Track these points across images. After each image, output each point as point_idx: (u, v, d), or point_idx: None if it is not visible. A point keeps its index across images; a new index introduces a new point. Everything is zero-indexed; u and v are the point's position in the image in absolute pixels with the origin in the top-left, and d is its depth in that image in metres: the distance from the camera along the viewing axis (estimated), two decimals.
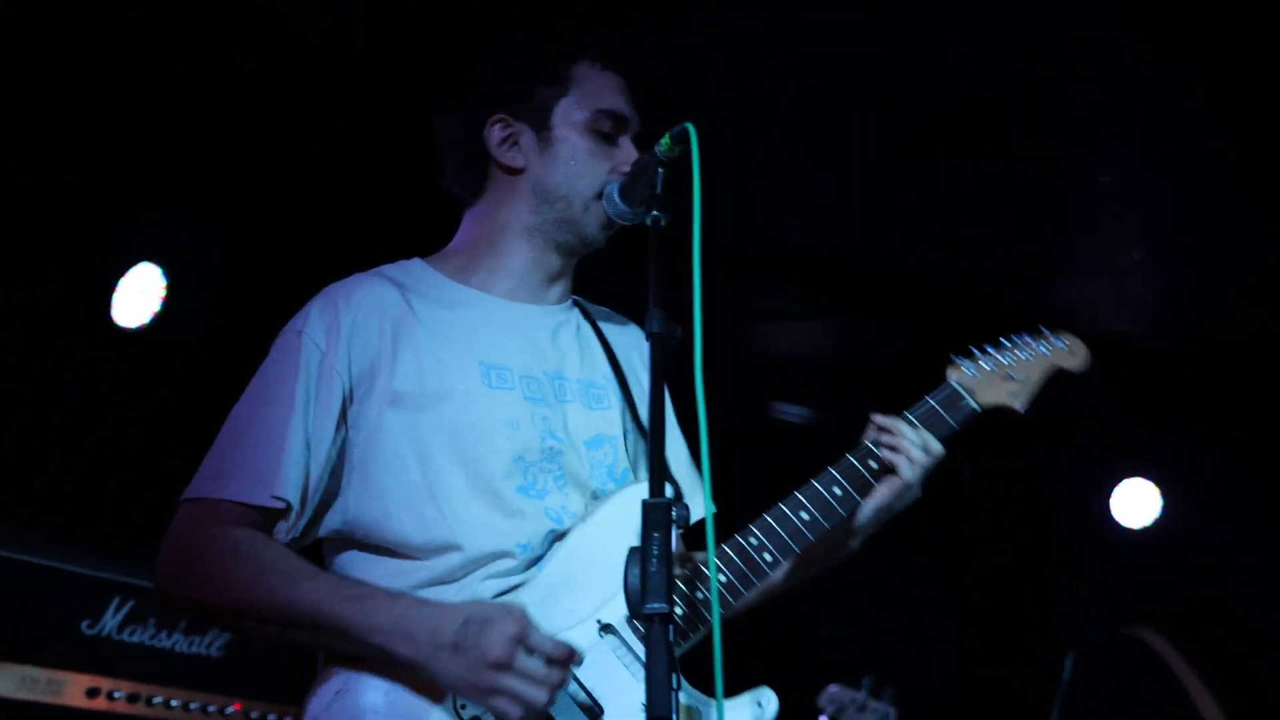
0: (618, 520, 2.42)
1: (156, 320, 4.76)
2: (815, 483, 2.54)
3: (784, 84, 4.59)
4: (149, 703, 4.32)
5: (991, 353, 2.76)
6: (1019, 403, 2.73)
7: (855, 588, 2.69)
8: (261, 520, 2.37)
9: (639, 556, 1.98)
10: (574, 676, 2.29)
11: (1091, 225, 5.39)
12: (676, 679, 1.91)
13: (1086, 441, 6.36)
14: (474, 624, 2.16)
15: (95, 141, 4.51)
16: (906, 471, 2.52)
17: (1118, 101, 4.57)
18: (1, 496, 4.46)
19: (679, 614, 2.39)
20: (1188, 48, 4.26)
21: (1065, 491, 6.53)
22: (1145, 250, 5.42)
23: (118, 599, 4.36)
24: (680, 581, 2.41)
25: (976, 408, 2.68)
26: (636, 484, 2.50)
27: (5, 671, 4.09)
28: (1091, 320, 5.60)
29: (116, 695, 4.27)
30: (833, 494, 2.53)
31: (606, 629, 2.36)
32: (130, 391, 4.84)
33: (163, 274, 4.77)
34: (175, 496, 2.44)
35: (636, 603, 1.97)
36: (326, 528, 2.46)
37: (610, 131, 2.63)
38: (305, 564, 2.32)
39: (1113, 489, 6.46)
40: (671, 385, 2.77)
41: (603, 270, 2.82)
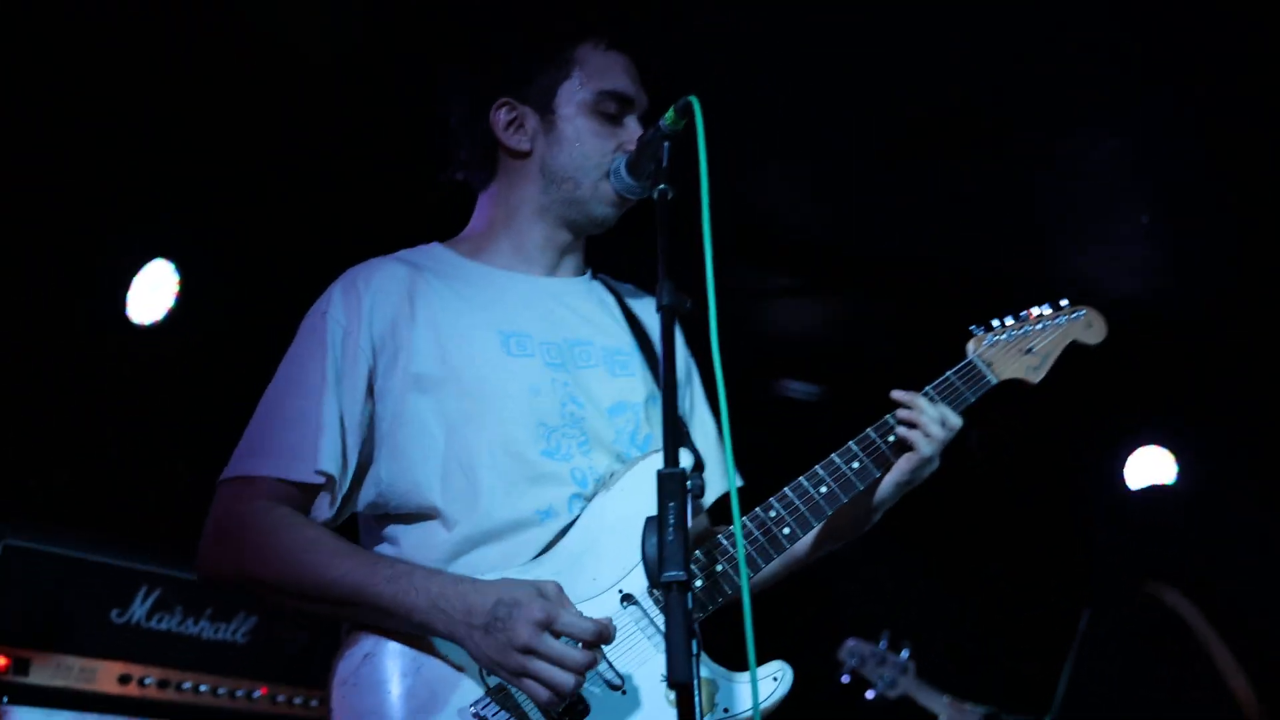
0: (639, 489, 2.44)
1: (170, 316, 4.80)
2: (835, 457, 2.57)
3: (778, 71, 4.60)
4: (178, 688, 4.40)
5: (1011, 324, 2.78)
6: (1036, 376, 2.76)
7: (875, 544, 2.72)
8: (300, 497, 2.42)
9: (656, 526, 2.00)
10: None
11: (1096, 192, 5.39)
12: (696, 646, 1.93)
13: (1099, 409, 6.37)
14: (504, 606, 2.20)
15: (107, 139, 4.54)
16: (924, 447, 2.55)
17: (1117, 67, 4.58)
18: (27, 492, 4.53)
19: (698, 586, 2.42)
20: (1188, 6, 4.26)
21: (1079, 459, 6.55)
22: (1152, 215, 5.42)
23: (145, 588, 4.43)
24: (700, 554, 2.44)
25: (994, 381, 2.71)
26: (657, 452, 2.50)
27: (41, 660, 4.16)
28: (1099, 287, 5.63)
29: (147, 681, 4.34)
30: (851, 468, 2.56)
31: (627, 599, 2.39)
32: (147, 386, 4.89)
33: (175, 270, 4.81)
34: (194, 487, 2.50)
35: (654, 571, 2.00)
36: (362, 501, 2.50)
37: (615, 112, 2.65)
38: (345, 543, 2.37)
39: (1127, 457, 6.47)
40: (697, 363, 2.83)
41: (613, 247, 2.85)
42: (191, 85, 4.47)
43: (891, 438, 2.58)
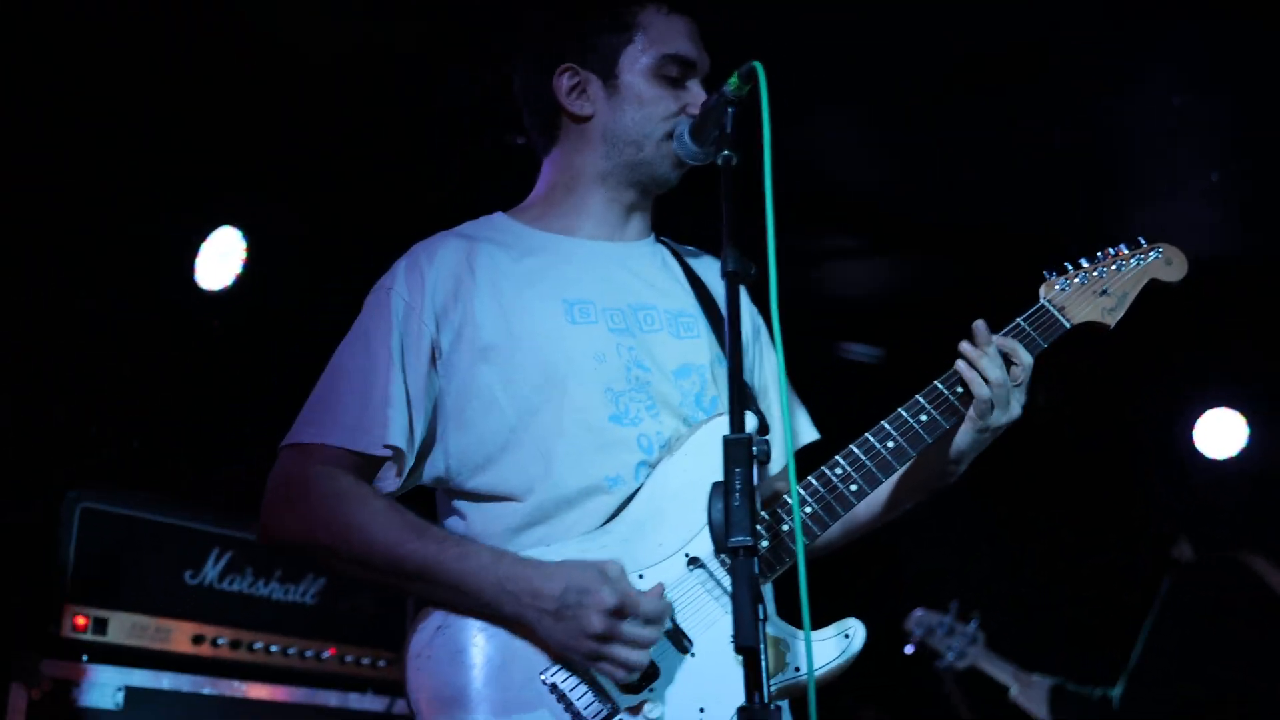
0: (704, 452, 2.44)
1: (238, 282, 4.87)
2: (902, 411, 2.54)
3: (839, 29, 4.55)
4: (250, 648, 4.48)
5: (1085, 266, 2.68)
6: (1113, 319, 2.65)
7: (943, 513, 2.70)
8: (365, 468, 2.44)
9: (722, 491, 2.01)
10: None
11: (1161, 149, 5.30)
12: (763, 610, 1.93)
13: (1169, 372, 6.29)
14: (573, 593, 2.23)
15: (177, 109, 4.60)
16: (981, 389, 2.49)
17: (1190, 16, 4.48)
18: (103, 457, 4.63)
19: (764, 547, 2.42)
20: None
21: (1148, 423, 6.47)
22: (1222, 171, 5.33)
23: (216, 550, 4.50)
24: (766, 514, 2.44)
25: (1067, 325, 2.62)
26: (720, 415, 2.51)
27: (118, 620, 4.26)
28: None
29: (220, 641, 4.43)
30: (919, 421, 2.52)
31: (694, 562, 2.40)
32: (216, 351, 4.97)
33: (243, 237, 4.87)
34: (263, 452, 2.51)
35: (721, 536, 2.00)
36: (429, 475, 2.53)
37: (677, 76, 2.64)
38: (415, 518, 2.39)
39: (1197, 419, 6.38)
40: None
41: (675, 212, 2.85)
42: (261, 54, 4.51)
43: (960, 388, 2.53)
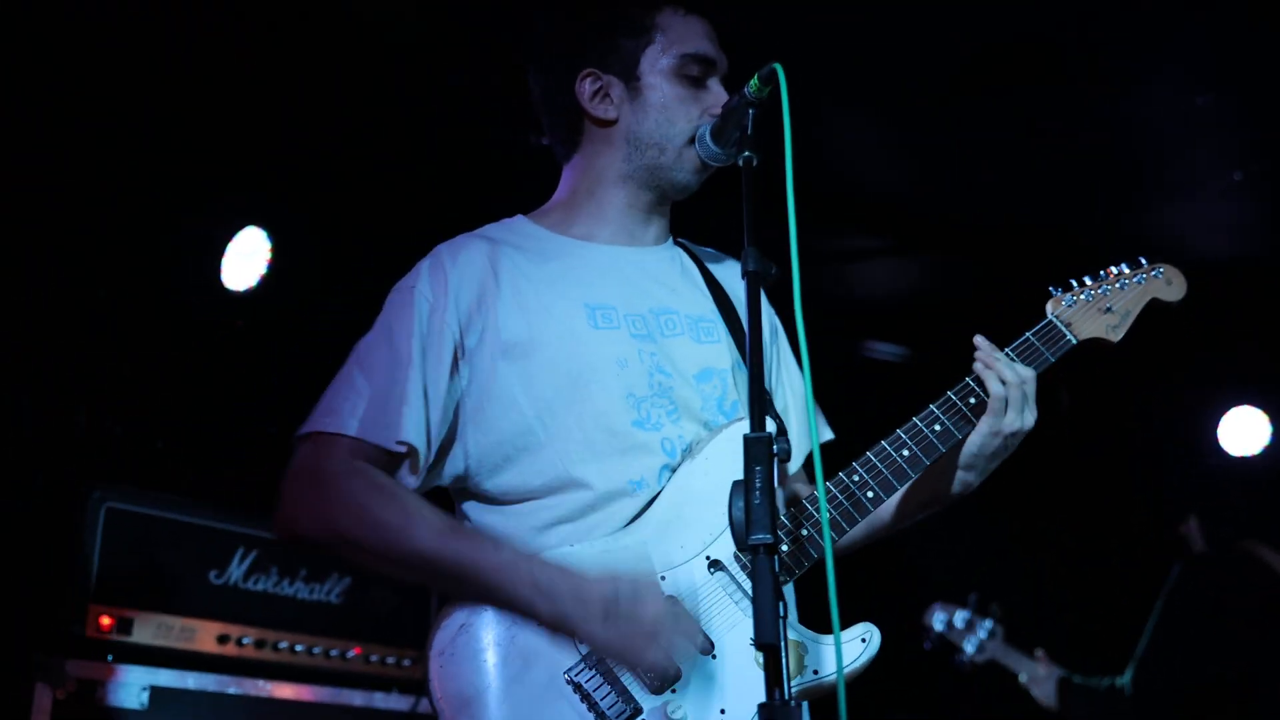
0: (725, 456, 2.46)
1: (263, 282, 4.90)
2: (917, 420, 2.58)
3: (848, 28, 4.55)
4: (275, 647, 4.49)
5: (1089, 284, 2.77)
6: (1116, 335, 2.75)
7: (961, 508, 2.71)
8: (381, 462, 2.42)
9: (743, 489, 2.02)
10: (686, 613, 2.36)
11: (1186, 148, 5.29)
12: (783, 608, 1.95)
13: (1193, 370, 6.28)
14: (625, 595, 2.24)
15: (202, 109, 4.63)
16: (997, 387, 2.53)
17: (1212, 12, 4.46)
18: (128, 457, 4.65)
19: (784, 550, 2.44)
20: None
21: (1171, 420, 6.46)
22: (1244, 171, 5.31)
23: (241, 549, 4.52)
24: (785, 519, 2.46)
25: (1074, 341, 2.70)
26: (741, 420, 2.54)
27: (143, 620, 4.28)
28: (1188, 245, 5.53)
29: (245, 641, 4.44)
30: (933, 431, 2.56)
31: (715, 565, 2.42)
32: (241, 351, 5.00)
33: (268, 237, 4.90)
34: (287, 452, 2.46)
35: (741, 534, 2.01)
36: (448, 475, 2.53)
37: (698, 75, 2.65)
38: (447, 517, 2.39)
39: (1220, 417, 6.38)
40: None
41: (696, 213, 2.86)
42: (285, 54, 4.53)
43: (973, 399, 2.57)
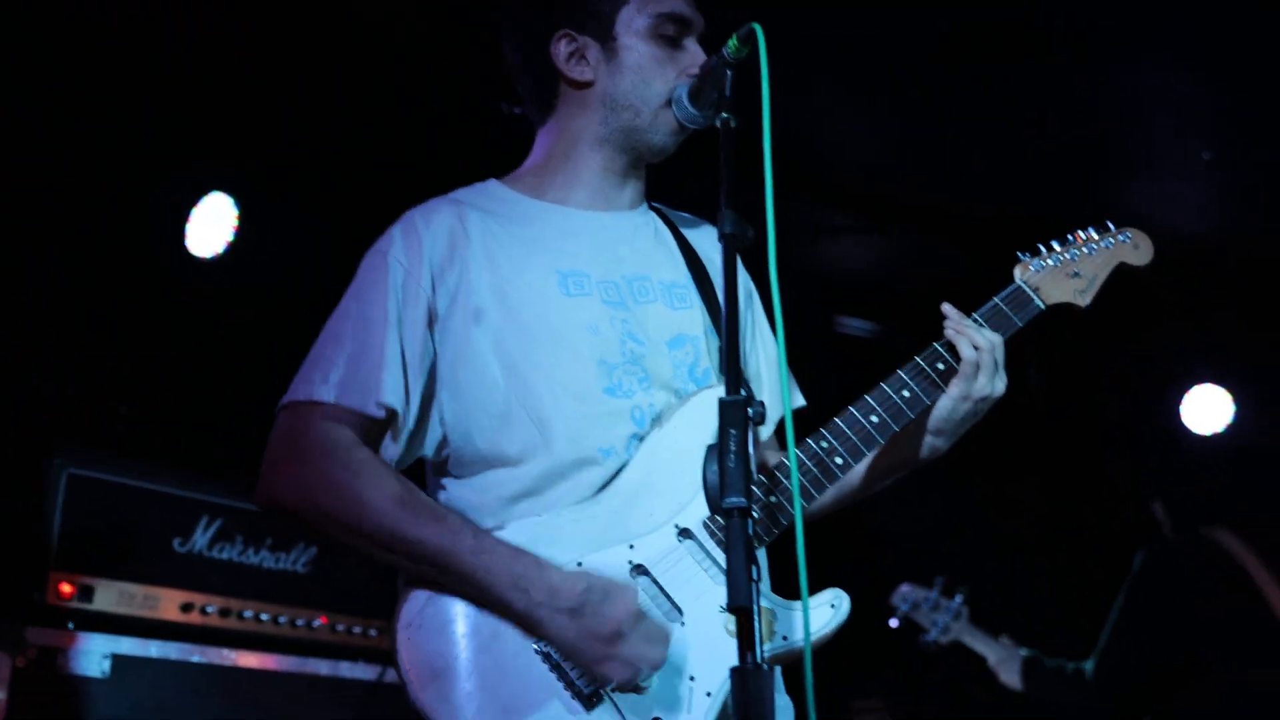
0: (693, 424, 2.45)
1: (230, 249, 4.85)
2: (884, 385, 2.57)
3: (822, 2, 4.54)
4: (239, 616, 4.48)
5: (1057, 249, 2.76)
6: (1084, 300, 2.74)
7: (927, 489, 2.72)
8: (363, 429, 2.41)
9: (717, 453, 2.01)
10: (654, 581, 2.36)
11: (1156, 127, 5.31)
12: (756, 571, 1.94)
13: (1157, 348, 6.31)
14: (596, 592, 2.25)
15: (166, 74, 4.57)
16: (969, 351, 2.53)
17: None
18: (91, 423, 4.61)
19: (754, 517, 2.43)
20: None
21: (1135, 398, 6.50)
22: (1213, 151, 5.34)
23: (206, 518, 4.50)
24: (755, 487, 2.45)
25: (1042, 305, 2.69)
26: (710, 388, 2.53)
27: (105, 587, 4.25)
28: (1157, 223, 5.54)
29: (209, 609, 4.43)
30: (901, 397, 2.55)
31: (684, 533, 2.41)
32: (207, 318, 4.96)
33: (234, 203, 4.85)
34: (254, 419, 2.48)
35: (715, 497, 2.01)
36: (430, 443, 2.51)
37: (674, 35, 2.62)
38: (430, 501, 2.39)
39: (1183, 396, 6.41)
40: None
41: (672, 176, 2.84)
42: (251, 18, 4.48)
43: (940, 365, 2.57)
